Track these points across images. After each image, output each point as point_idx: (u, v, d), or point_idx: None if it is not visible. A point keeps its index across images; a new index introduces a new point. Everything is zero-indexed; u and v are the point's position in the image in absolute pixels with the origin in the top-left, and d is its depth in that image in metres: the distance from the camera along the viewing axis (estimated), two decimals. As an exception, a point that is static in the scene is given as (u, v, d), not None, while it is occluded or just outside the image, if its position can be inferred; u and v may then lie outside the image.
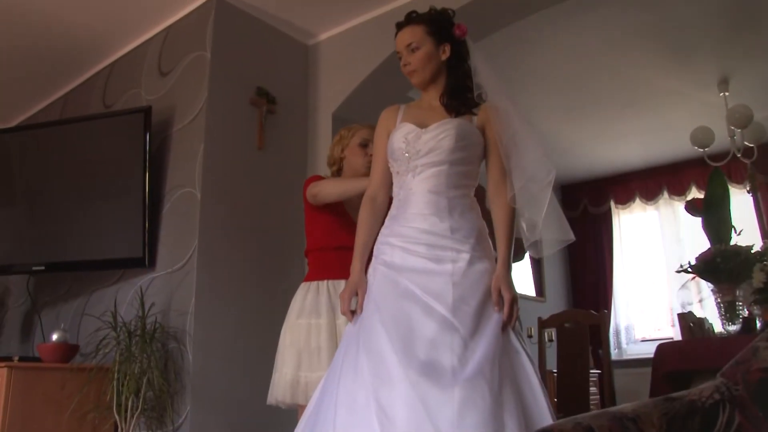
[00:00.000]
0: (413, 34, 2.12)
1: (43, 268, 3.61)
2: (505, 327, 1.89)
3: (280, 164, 3.64)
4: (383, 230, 2.09)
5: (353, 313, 2.02)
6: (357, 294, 2.03)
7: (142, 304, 3.08)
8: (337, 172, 2.66)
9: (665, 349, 3.16)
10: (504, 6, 3.49)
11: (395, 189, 2.10)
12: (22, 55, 4.21)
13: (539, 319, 4.01)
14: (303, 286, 2.50)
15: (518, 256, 2.91)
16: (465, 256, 1.93)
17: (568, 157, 6.42)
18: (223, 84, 3.48)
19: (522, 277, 6.18)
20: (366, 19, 3.87)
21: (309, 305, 2.41)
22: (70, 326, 3.76)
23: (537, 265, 6.53)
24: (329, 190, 2.45)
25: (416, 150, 2.04)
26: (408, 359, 1.73)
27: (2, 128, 4.12)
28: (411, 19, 2.16)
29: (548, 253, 2.12)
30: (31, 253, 3.66)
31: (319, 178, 2.59)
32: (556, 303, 6.59)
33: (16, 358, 3.22)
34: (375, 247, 2.08)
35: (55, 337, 3.17)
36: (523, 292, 6.03)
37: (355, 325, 1.99)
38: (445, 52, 2.12)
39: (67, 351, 3.17)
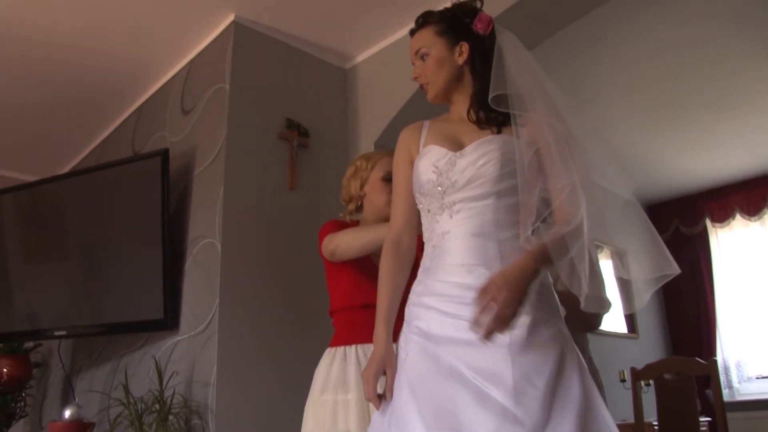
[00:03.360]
0: (421, 38, 1.68)
1: (64, 333, 3.30)
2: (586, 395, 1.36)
3: (316, 205, 3.17)
4: (415, 287, 1.60)
5: (381, 397, 1.54)
6: (385, 373, 1.55)
7: (159, 376, 2.69)
8: (356, 210, 2.21)
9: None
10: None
11: (426, 232, 1.61)
12: (57, 106, 4.04)
13: (633, 369, 3.35)
14: (328, 353, 2.04)
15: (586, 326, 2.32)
16: (525, 320, 1.41)
17: (650, 172, 5.70)
18: (246, 118, 3.09)
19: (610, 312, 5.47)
20: (407, 32, 3.42)
21: (335, 377, 1.95)
22: (101, 394, 3.45)
23: (626, 296, 5.79)
24: (348, 244, 2.00)
25: (451, 181, 1.54)
26: None
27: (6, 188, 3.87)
28: (420, 21, 1.71)
29: (642, 304, 1.58)
30: (52, 317, 3.37)
31: (337, 224, 2.14)
32: (650, 341, 5.83)
33: (33, 437, 2.91)
34: (406, 310, 1.60)
35: (67, 414, 2.82)
36: (611, 329, 5.33)
37: (385, 416, 1.51)
38: (462, 54, 1.64)
39: (80, 430, 2.80)
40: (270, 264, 2.95)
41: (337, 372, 1.96)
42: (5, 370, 3.62)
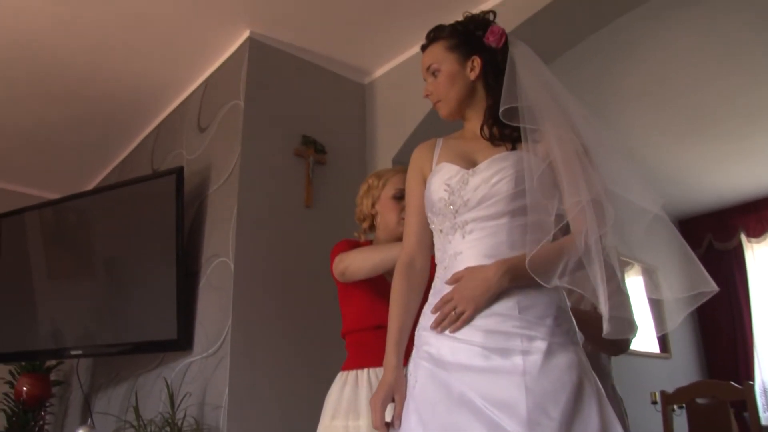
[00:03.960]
0: (432, 53, 1.63)
1: (80, 352, 3.28)
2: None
3: (333, 223, 3.10)
4: (426, 310, 1.54)
5: (389, 425, 1.48)
6: (393, 400, 1.48)
7: (171, 398, 2.64)
8: (370, 229, 2.16)
9: None
10: (592, 6, 2.82)
11: (438, 253, 1.55)
12: (79, 124, 4.07)
13: (663, 393, 3.19)
14: (339, 377, 1.98)
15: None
16: (540, 345, 1.34)
17: (680, 185, 5.52)
18: (261, 135, 3.05)
19: (641, 330, 5.29)
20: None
21: (346, 402, 1.88)
22: (118, 413, 3.41)
23: (658, 315, 5.58)
24: (358, 264, 1.94)
25: (464, 200, 1.48)
26: None
27: (12, 210, 3.88)
28: (431, 36, 1.66)
29: (674, 325, 1.49)
30: (69, 336, 3.35)
31: (349, 244, 2.09)
32: (684, 360, 5.61)
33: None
34: (416, 333, 1.54)
35: (79, 436, 2.79)
36: (642, 349, 5.15)
37: None
38: (474, 68, 1.57)
39: (92, 454, 2.77)
40: (285, 284, 2.89)
41: (348, 397, 1.90)
42: (25, 388, 3.62)
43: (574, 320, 1.46)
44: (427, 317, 1.50)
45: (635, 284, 5.52)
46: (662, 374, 5.10)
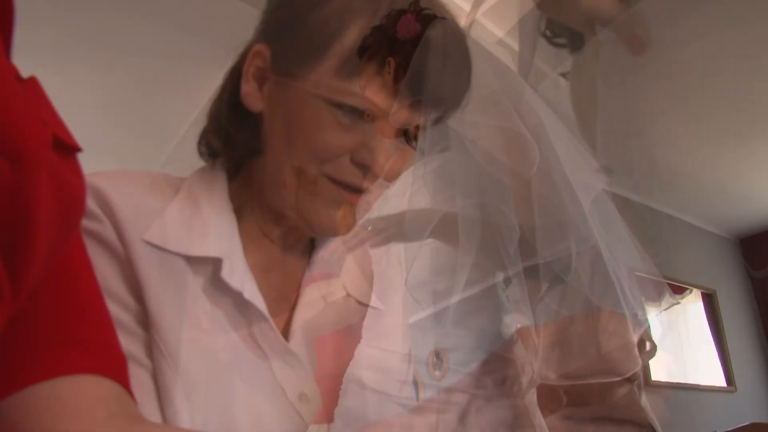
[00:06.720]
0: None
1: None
2: None
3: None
4: None
5: None
6: None
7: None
8: None
9: None
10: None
11: None
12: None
13: (711, 443, 2.78)
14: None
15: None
16: (459, 399, 1.08)
17: (737, 201, 5.04)
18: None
19: (701, 359, 4.82)
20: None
21: None
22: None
23: (719, 343, 5.08)
24: None
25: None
26: None
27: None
28: None
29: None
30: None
31: None
32: (752, 395, 5.03)
33: None
34: None
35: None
36: (703, 383, 4.66)
37: None
38: (390, 73, 1.32)
39: None
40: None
41: None
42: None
43: (519, 366, 1.17)
44: None
45: (695, 311, 5.08)
46: (727, 411, 4.59)
